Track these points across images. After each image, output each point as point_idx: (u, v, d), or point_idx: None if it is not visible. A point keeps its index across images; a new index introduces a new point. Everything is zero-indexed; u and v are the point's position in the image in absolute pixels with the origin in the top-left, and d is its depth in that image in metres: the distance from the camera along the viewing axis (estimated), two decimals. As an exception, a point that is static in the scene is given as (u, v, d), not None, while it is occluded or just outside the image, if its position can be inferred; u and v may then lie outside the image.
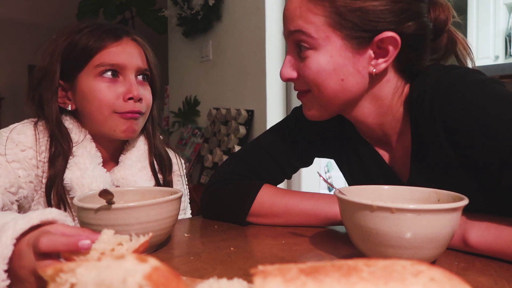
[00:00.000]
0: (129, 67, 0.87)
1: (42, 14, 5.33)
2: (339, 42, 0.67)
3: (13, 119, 0.89)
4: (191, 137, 2.71)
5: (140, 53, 0.90)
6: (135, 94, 0.85)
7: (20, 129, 0.85)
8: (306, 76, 0.70)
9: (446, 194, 0.59)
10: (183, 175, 1.07)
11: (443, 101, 0.63)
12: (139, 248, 0.45)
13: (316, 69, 0.68)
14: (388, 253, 0.53)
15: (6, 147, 0.81)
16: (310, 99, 0.73)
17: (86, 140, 0.88)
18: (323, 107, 0.73)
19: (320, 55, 0.68)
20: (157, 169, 0.98)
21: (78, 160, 0.85)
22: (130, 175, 0.91)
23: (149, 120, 0.98)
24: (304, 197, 0.80)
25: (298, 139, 0.88)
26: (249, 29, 2.25)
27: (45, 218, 0.50)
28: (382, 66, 0.68)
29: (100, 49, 0.85)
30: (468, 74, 0.64)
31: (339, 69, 0.68)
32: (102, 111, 0.85)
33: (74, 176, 0.84)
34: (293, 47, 0.72)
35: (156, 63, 0.94)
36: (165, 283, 0.30)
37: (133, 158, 0.93)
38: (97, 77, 0.85)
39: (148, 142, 0.98)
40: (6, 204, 0.77)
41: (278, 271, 0.29)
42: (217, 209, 0.87)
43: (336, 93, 0.70)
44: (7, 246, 0.47)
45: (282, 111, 2.22)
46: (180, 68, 2.86)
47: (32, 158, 0.83)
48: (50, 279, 0.35)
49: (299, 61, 0.71)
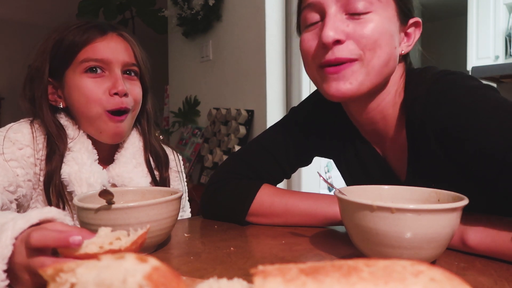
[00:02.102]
0: (114, 62, 0.86)
1: (42, 14, 5.32)
2: (394, 11, 0.69)
3: (13, 119, 0.89)
4: (191, 137, 2.71)
5: (126, 48, 0.90)
6: (120, 89, 0.84)
7: (16, 128, 0.85)
8: (367, 36, 0.65)
9: (446, 194, 0.59)
10: (181, 171, 1.06)
11: (434, 107, 0.63)
12: (137, 240, 0.45)
13: (380, 30, 0.66)
14: (388, 253, 0.53)
15: (3, 146, 0.81)
16: (355, 68, 0.66)
17: (82, 136, 0.88)
18: (369, 77, 0.67)
19: (382, 18, 0.67)
20: (153, 165, 0.97)
21: (75, 155, 0.85)
22: (125, 172, 0.91)
23: (143, 116, 0.97)
24: (304, 197, 0.80)
25: (297, 138, 0.88)
26: (249, 29, 2.25)
27: (44, 217, 0.50)
28: (408, 48, 0.73)
29: (85, 45, 0.85)
30: (460, 79, 0.65)
31: (394, 36, 0.69)
32: (89, 107, 0.85)
33: (72, 171, 0.84)
34: (340, 12, 0.67)
35: (145, 58, 0.93)
36: (165, 283, 0.30)
37: (128, 155, 0.93)
38: (83, 73, 0.85)
39: (143, 138, 0.97)
40: (5, 203, 0.77)
41: (278, 271, 0.29)
42: (216, 209, 0.87)
43: (388, 60, 0.68)
44: (7, 246, 0.47)
45: (282, 111, 2.22)
46: (180, 68, 2.86)
47: (30, 156, 0.83)
48: (50, 279, 0.35)
49: (352, 24, 0.66)
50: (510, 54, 2.79)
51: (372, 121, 0.75)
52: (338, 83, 0.67)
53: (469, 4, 2.95)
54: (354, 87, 0.67)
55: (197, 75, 2.70)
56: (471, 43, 2.94)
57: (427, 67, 0.73)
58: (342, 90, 0.67)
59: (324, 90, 0.70)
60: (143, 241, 0.46)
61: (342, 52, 0.65)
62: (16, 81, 3.97)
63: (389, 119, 0.74)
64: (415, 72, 0.72)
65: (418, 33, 0.73)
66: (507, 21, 2.83)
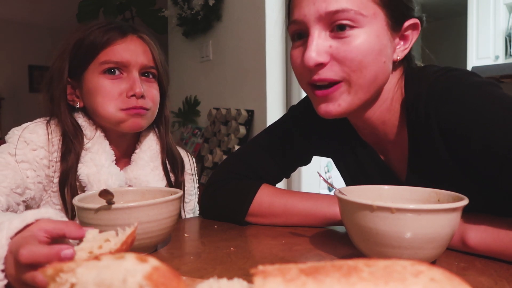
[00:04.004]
0: (133, 64, 0.87)
1: (42, 14, 5.32)
2: (384, 21, 0.65)
3: (13, 119, 0.90)
4: (191, 137, 2.71)
5: (145, 51, 0.90)
6: (137, 91, 0.85)
7: (32, 128, 0.85)
8: (350, 58, 0.63)
9: (446, 194, 0.59)
10: (194, 174, 1.07)
11: (438, 104, 0.63)
12: (127, 240, 0.45)
13: (365, 49, 0.63)
14: (388, 253, 0.53)
15: (16, 147, 0.81)
16: (342, 90, 0.65)
17: (100, 137, 0.89)
18: (358, 96, 0.66)
19: (368, 34, 0.63)
20: (169, 168, 0.98)
21: (93, 157, 0.85)
22: (142, 175, 0.91)
23: (161, 120, 0.98)
24: (303, 197, 0.80)
25: (296, 137, 0.88)
26: (249, 29, 2.25)
27: (41, 217, 0.50)
28: (404, 52, 0.69)
29: (105, 47, 0.86)
30: (464, 76, 0.64)
31: (383, 50, 0.65)
32: (106, 107, 0.85)
33: (90, 172, 0.84)
34: (324, 30, 0.64)
35: (163, 61, 0.94)
36: (165, 283, 0.30)
37: (146, 158, 0.93)
38: (101, 74, 0.86)
39: (161, 142, 0.98)
40: (11, 206, 0.77)
41: (278, 271, 0.29)
42: (216, 209, 0.87)
43: (376, 76, 0.65)
44: (2, 246, 0.47)
45: (282, 111, 2.22)
46: (180, 68, 2.86)
47: (43, 158, 0.84)
48: (50, 279, 0.35)
49: (335, 44, 0.64)
50: (510, 54, 2.79)
51: (370, 126, 0.75)
52: (327, 105, 0.67)
53: (469, 4, 2.95)
54: (342, 108, 0.67)
55: (197, 75, 2.70)
56: (471, 43, 2.94)
57: (427, 65, 0.72)
58: (332, 112, 0.67)
59: (315, 107, 0.70)
60: (132, 240, 0.46)
61: (327, 73, 0.65)
62: (16, 81, 3.98)
63: (388, 123, 0.73)
64: (414, 71, 0.72)
65: (416, 34, 0.69)
66: (507, 21, 2.83)
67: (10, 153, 0.81)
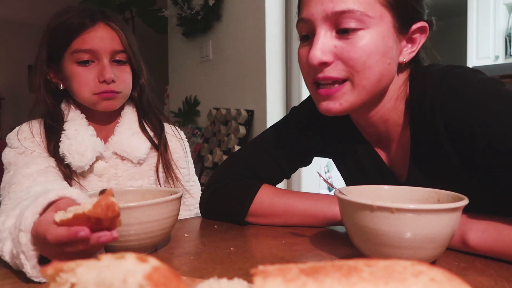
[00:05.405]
0: (101, 51, 0.93)
1: (42, 14, 5.31)
2: (390, 23, 0.65)
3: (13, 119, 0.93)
4: (191, 137, 2.71)
5: (114, 37, 0.96)
6: (107, 77, 0.92)
7: (19, 129, 0.95)
8: (355, 59, 0.64)
9: (446, 194, 0.59)
10: (182, 139, 1.11)
11: (444, 102, 0.63)
12: (100, 201, 0.46)
13: (369, 50, 0.63)
14: (388, 253, 0.53)
15: (22, 144, 0.91)
16: (346, 90, 0.66)
17: (77, 118, 0.96)
18: (360, 97, 0.67)
19: (373, 36, 0.64)
20: (151, 134, 1.04)
21: (67, 133, 0.93)
22: (123, 139, 0.99)
23: (136, 89, 1.04)
24: (303, 197, 0.80)
25: (296, 138, 0.88)
26: (249, 29, 2.25)
27: (63, 195, 0.56)
28: (411, 55, 0.69)
29: (76, 36, 0.93)
30: (468, 73, 0.64)
31: (389, 51, 0.65)
32: (81, 92, 0.94)
33: (64, 145, 0.92)
34: (330, 29, 0.65)
35: (133, 42, 0.99)
36: (165, 283, 0.30)
37: (126, 125, 1.01)
38: (75, 62, 0.94)
39: (137, 109, 1.05)
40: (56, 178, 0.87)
41: (278, 271, 0.29)
42: (216, 209, 0.87)
43: (380, 78, 0.66)
44: (29, 218, 0.53)
45: (282, 111, 2.22)
46: (180, 68, 2.86)
47: (40, 144, 0.93)
48: (50, 279, 0.35)
49: (340, 44, 0.65)
50: (510, 54, 2.80)
51: (373, 125, 0.75)
52: (329, 103, 0.68)
53: (469, 4, 2.95)
54: (343, 107, 0.68)
55: (197, 75, 2.70)
56: (471, 43, 2.95)
57: (431, 64, 0.73)
58: (332, 110, 0.68)
59: (316, 105, 0.71)
60: (108, 204, 0.46)
61: (331, 72, 0.66)
62: (16, 81, 3.97)
63: (391, 123, 0.73)
64: (419, 69, 0.72)
65: (424, 37, 0.69)
66: (507, 21, 2.84)
67: (19, 153, 0.90)
